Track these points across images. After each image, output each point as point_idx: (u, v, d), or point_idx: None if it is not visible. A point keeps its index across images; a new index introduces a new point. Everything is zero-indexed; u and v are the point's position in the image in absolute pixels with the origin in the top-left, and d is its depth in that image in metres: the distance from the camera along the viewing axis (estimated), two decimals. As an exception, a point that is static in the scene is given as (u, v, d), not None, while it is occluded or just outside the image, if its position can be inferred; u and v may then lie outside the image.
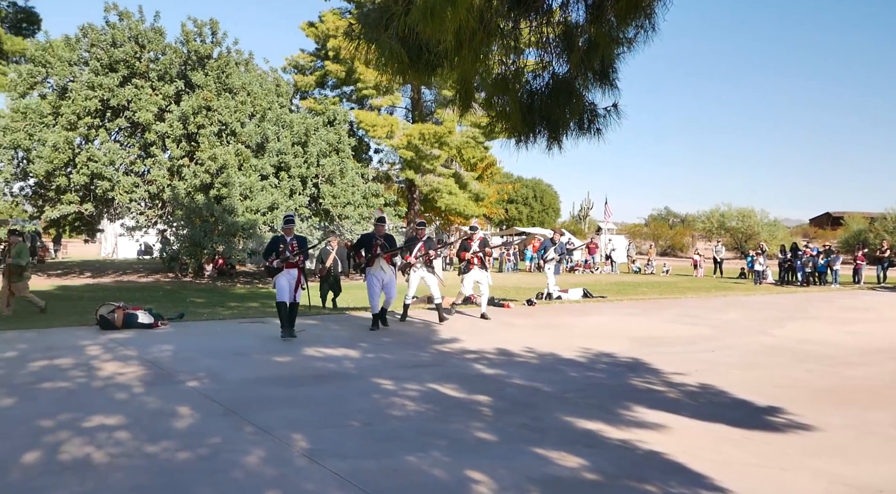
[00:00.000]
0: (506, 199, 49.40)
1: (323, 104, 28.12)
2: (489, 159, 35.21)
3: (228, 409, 5.87)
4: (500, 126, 4.86)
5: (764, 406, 6.36)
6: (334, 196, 23.93)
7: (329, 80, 30.42)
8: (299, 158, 23.52)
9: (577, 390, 6.98)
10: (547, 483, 4.27)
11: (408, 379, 7.25)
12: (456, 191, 29.79)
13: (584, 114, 4.62)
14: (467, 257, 12.78)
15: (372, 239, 10.83)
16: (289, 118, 24.17)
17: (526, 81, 4.57)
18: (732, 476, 4.41)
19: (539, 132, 4.62)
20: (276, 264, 9.68)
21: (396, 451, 4.84)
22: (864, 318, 13.66)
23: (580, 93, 4.52)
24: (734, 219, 50.94)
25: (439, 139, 27.77)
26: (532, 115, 4.44)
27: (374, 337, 10.31)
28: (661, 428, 5.57)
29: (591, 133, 4.71)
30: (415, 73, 4.29)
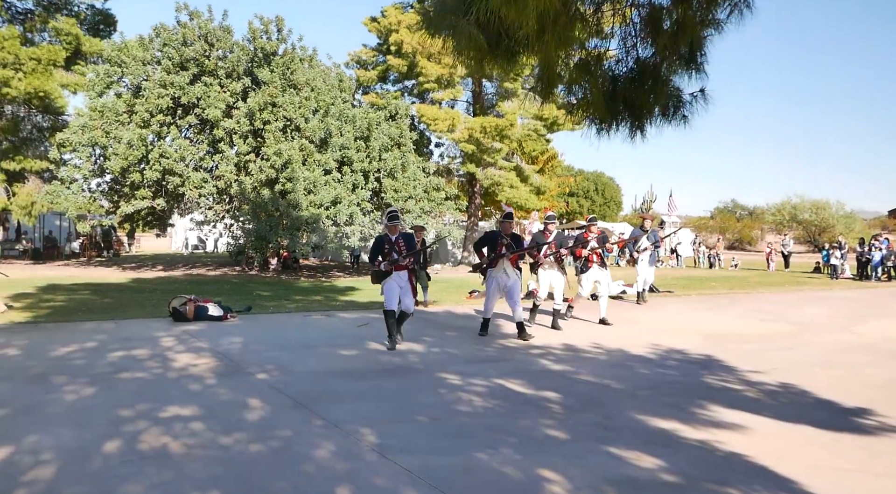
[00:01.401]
0: (567, 192, 48.77)
1: (385, 98, 28.26)
2: (550, 152, 34.75)
3: (297, 402, 5.91)
4: (580, 113, 4.68)
5: (852, 407, 6.02)
6: (396, 190, 24.03)
7: (391, 74, 30.52)
8: (361, 153, 23.70)
9: (648, 387, 6.77)
10: (623, 484, 4.12)
11: (473, 374, 7.18)
12: (517, 184, 29.47)
13: (670, 100, 4.40)
14: (584, 254, 11.19)
15: (497, 237, 9.65)
16: (351, 113, 24.37)
17: (609, 67, 4.39)
18: (824, 482, 4.16)
19: (622, 119, 4.44)
20: (383, 267, 8.61)
21: (466, 448, 4.77)
22: (954, 315, 12.88)
23: (665, 78, 4.30)
24: (807, 211, 48.95)
25: (500, 132, 27.51)
26: (615, 102, 4.25)
27: (439, 331, 10.27)
28: (741, 429, 5.33)
29: (678, 120, 4.49)
30: (494, 60, 4.15)
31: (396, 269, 8.61)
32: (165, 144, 22.86)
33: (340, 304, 14.13)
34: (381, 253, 8.64)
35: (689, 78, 4.38)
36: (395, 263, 8.58)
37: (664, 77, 4.25)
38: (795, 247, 46.55)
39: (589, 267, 11.22)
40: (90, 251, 31.59)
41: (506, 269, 9.50)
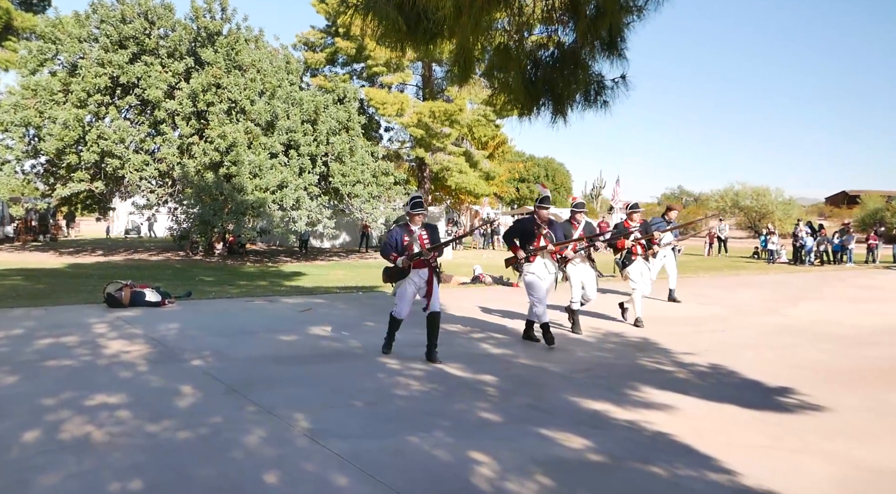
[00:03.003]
0: (517, 178, 49.11)
1: (333, 82, 27.91)
2: (500, 137, 34.91)
3: (231, 388, 5.83)
4: (502, 98, 4.69)
5: (775, 386, 6.24)
6: (344, 174, 23.83)
7: (339, 57, 30.15)
8: (309, 136, 23.39)
9: (584, 370, 6.90)
10: (551, 465, 4.20)
11: (414, 358, 7.19)
12: (466, 169, 29.56)
13: (591, 85, 4.44)
14: (627, 245, 9.58)
15: (532, 226, 8.11)
16: (298, 96, 24.00)
17: (530, 51, 4.39)
18: (741, 459, 4.31)
19: (543, 105, 4.46)
20: (400, 263, 7.06)
21: (400, 431, 4.78)
22: (878, 298, 13.46)
23: (587, 63, 4.34)
24: (748, 197, 50.38)
25: (450, 117, 27.51)
26: (536, 87, 4.27)
27: (381, 316, 10.23)
28: (670, 409, 5.48)
29: (598, 105, 4.54)
30: (413, 43, 4.11)
31: (415, 266, 7.14)
32: (104, 125, 22.14)
33: (285, 290, 13.97)
34: (399, 246, 7.15)
35: (611, 64, 4.45)
36: (416, 259, 7.06)
37: (585, 62, 4.30)
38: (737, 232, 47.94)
39: (633, 260, 9.63)
40: (25, 235, 30.47)
41: (546, 264, 8.13)
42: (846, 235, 24.43)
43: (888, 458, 4.39)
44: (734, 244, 34.99)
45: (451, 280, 15.97)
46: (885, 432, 4.97)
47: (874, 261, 24.22)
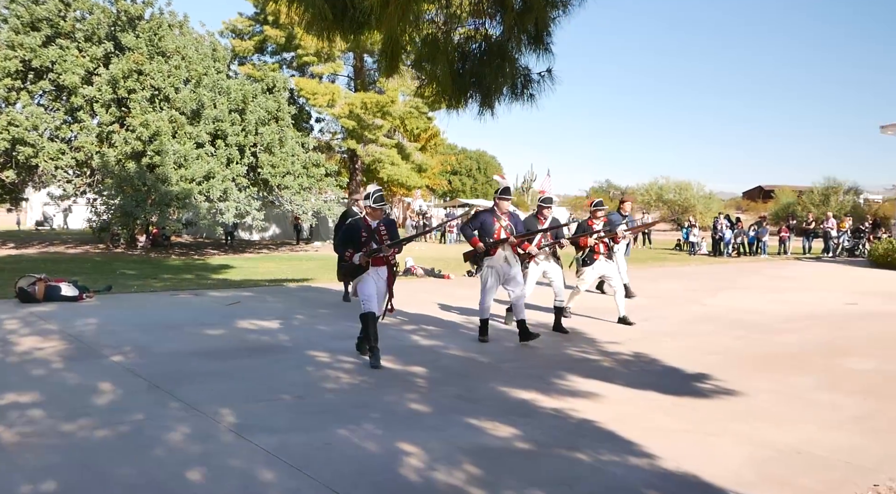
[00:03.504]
0: (449, 171, 49.31)
1: (262, 71, 27.30)
2: (433, 130, 34.96)
3: (154, 384, 5.66)
4: (429, 90, 4.70)
5: (694, 373, 6.50)
6: (273, 165, 23.36)
7: (268, 45, 29.52)
8: (237, 126, 22.81)
9: (513, 360, 7.01)
10: (478, 454, 4.25)
11: (343, 351, 7.14)
12: (398, 161, 29.49)
13: (518, 79, 4.51)
14: (590, 243, 9.15)
15: (491, 218, 7.81)
16: (226, 84, 23.36)
17: (458, 44, 4.42)
18: (660, 443, 4.48)
19: (471, 97, 4.50)
20: (357, 260, 6.62)
21: (328, 424, 4.75)
22: (790, 287, 14.17)
23: (514, 57, 4.39)
24: (672, 191, 52.14)
25: (382, 109, 27.36)
26: (464, 80, 4.30)
27: (312, 308, 10.13)
28: (595, 397, 5.63)
29: (525, 99, 4.62)
30: (339, 32, 4.06)
31: (374, 263, 6.68)
32: (14, 111, 20.97)
33: (212, 283, 13.63)
34: (356, 242, 6.68)
35: (537, 57, 4.53)
36: (374, 255, 6.61)
37: (512, 56, 4.36)
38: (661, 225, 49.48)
39: (595, 260, 9.27)
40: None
41: (507, 257, 7.77)
42: (761, 228, 25.62)
43: (794, 437, 4.65)
44: (658, 236, 36.20)
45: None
46: (792, 413, 5.25)
47: (786, 253, 25.49)
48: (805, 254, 25.31)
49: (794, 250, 26.35)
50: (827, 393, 5.81)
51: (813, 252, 25.81)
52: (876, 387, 6.05)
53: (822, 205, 40.12)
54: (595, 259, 9.26)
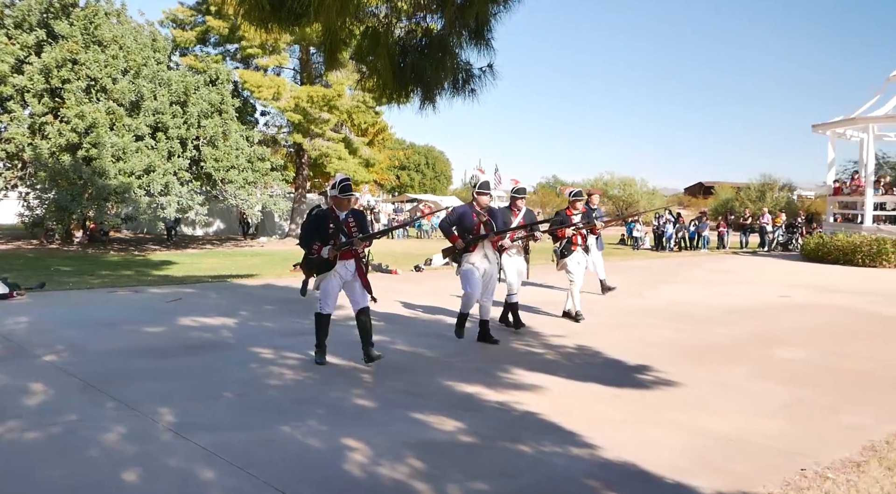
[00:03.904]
0: (397, 166, 49.13)
1: (205, 62, 26.63)
2: (381, 125, 34.71)
3: (88, 384, 5.48)
4: (371, 83, 4.66)
5: (635, 364, 6.65)
6: (217, 159, 22.86)
7: (211, 36, 28.77)
8: (178, 119, 22.22)
9: (458, 354, 7.04)
10: (422, 448, 4.26)
11: (288, 347, 7.06)
12: (346, 156, 29.17)
13: (459, 73, 4.53)
14: (568, 235, 9.02)
15: (471, 214, 7.57)
16: (167, 75, 22.72)
17: (399, 38, 4.40)
18: (601, 433, 4.57)
19: (413, 91, 4.49)
20: (326, 254, 6.24)
21: (271, 421, 4.69)
22: (727, 280, 14.61)
23: (455, 51, 4.41)
24: (616, 187, 53.11)
25: (328, 102, 27.00)
26: (405, 73, 4.28)
27: (256, 305, 9.97)
28: (538, 389, 5.70)
29: (466, 93, 4.65)
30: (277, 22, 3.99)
31: (342, 257, 6.35)
32: (-62, 100, 19.99)
33: (153, 279, 13.28)
34: (323, 234, 6.31)
35: (478, 52, 4.55)
36: (343, 249, 6.28)
37: (453, 50, 4.37)
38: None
39: (572, 251, 9.12)
40: None
41: (487, 254, 7.59)
42: (701, 223, 26.35)
43: (729, 425, 4.80)
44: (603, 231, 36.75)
45: (329, 268, 15.76)
46: (727, 402, 5.43)
47: (724, 247, 26.29)
48: (742, 249, 26.14)
49: (732, 244, 27.18)
50: (760, 383, 6.02)
51: (749, 246, 26.68)
52: (805, 376, 6.30)
53: (759, 201, 41.42)
54: (572, 250, 9.13)
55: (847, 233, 18.79)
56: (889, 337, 8.36)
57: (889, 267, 17.28)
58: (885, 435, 4.58)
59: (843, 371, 6.54)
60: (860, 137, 20.78)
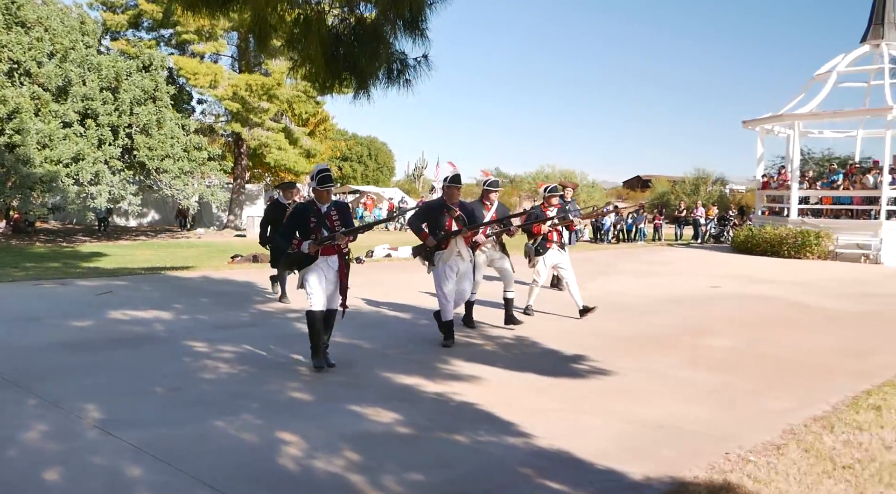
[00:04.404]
0: (339, 157, 48.59)
1: (137, 47, 25.78)
2: (322, 115, 34.32)
3: (9, 380, 5.25)
4: (303, 71, 4.59)
5: (571, 354, 6.77)
6: (150, 148, 22.18)
7: (144, 20, 27.83)
8: (109, 105, 21.45)
9: (397, 346, 7.03)
10: (359, 440, 4.25)
11: (223, 340, 6.92)
12: (286, 146, 28.75)
13: (394, 63, 4.50)
14: (544, 231, 8.66)
15: (442, 209, 7.07)
16: (96, 60, 21.89)
17: (332, 25, 4.34)
18: (536, 422, 4.64)
19: (346, 80, 4.44)
20: (306, 249, 5.87)
21: (204, 416, 4.59)
22: (662, 272, 15.02)
23: (389, 41, 4.38)
24: (557, 180, 53.84)
25: (267, 91, 26.53)
26: (337, 62, 4.22)
27: (191, 297, 9.73)
28: (476, 380, 5.75)
29: (401, 83, 4.62)
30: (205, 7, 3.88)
31: (324, 253, 5.98)
32: None
33: (81, 271, 12.81)
34: (304, 228, 5.94)
35: (413, 42, 4.54)
36: (325, 244, 5.90)
37: (387, 40, 4.34)
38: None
39: (548, 248, 8.74)
40: None
41: (460, 251, 7.09)
42: (638, 216, 27.01)
43: (658, 412, 4.95)
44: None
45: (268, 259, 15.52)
46: (658, 390, 5.59)
47: (660, 239, 27.02)
48: (677, 241, 26.91)
49: (667, 237, 27.96)
50: (689, 371, 6.22)
51: (684, 238, 27.49)
52: (731, 363, 6.54)
53: (693, 195, 42.71)
54: (548, 247, 8.74)
55: (774, 226, 19.55)
56: (809, 326, 8.75)
57: (812, 259, 18.07)
58: (804, 419, 4.80)
59: (767, 358, 6.82)
60: (787, 133, 21.63)
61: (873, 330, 8.56)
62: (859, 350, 7.31)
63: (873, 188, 18.77)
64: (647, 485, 3.68)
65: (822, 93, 20.16)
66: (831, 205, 19.96)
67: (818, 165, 30.97)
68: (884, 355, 7.03)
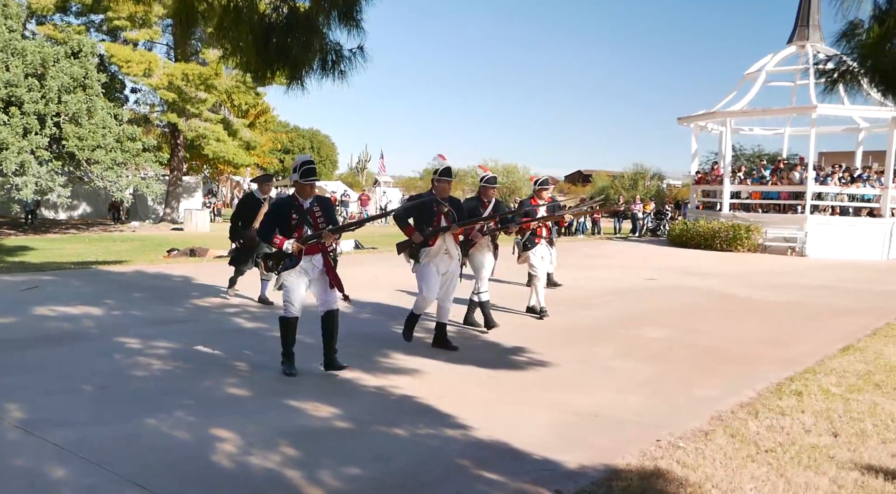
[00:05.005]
0: (280, 149, 47.81)
1: (65, 33, 24.74)
2: (262, 106, 33.64)
3: (-76, 381, 4.99)
4: (233, 61, 4.50)
5: (510, 346, 6.85)
6: (80, 138, 21.33)
7: (73, 4, 26.68)
8: (35, 92, 20.52)
9: (338, 340, 6.96)
10: (297, 435, 4.21)
11: (157, 336, 6.73)
12: (224, 137, 28.08)
13: (328, 54, 4.45)
14: (533, 226, 8.29)
15: (431, 203, 6.60)
16: (21, 45, 20.89)
17: (264, 14, 4.25)
18: (475, 414, 4.68)
19: (279, 70, 4.37)
20: (289, 248, 5.45)
21: (135, 415, 4.46)
22: (601, 265, 15.34)
23: (322, 31, 4.32)
24: (499, 174, 54.26)
25: (205, 81, 25.84)
26: (269, 51, 4.15)
27: (124, 292, 9.43)
28: (416, 373, 5.76)
29: (335, 75, 4.58)
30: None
31: (307, 252, 5.56)
32: None
33: (5, 266, 12.27)
34: (285, 225, 5.53)
35: (349, 33, 4.50)
36: (309, 243, 5.51)
37: (321, 30, 4.29)
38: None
39: (536, 243, 8.38)
40: None
41: (448, 249, 6.64)
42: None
43: (594, 402, 5.06)
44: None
45: (206, 253, 15.20)
46: (593, 380, 5.71)
47: (598, 233, 27.56)
48: (615, 234, 27.51)
49: (606, 230, 28.54)
50: (624, 361, 6.38)
51: (622, 232, 28.12)
52: (664, 353, 6.73)
53: (632, 190, 43.70)
54: (536, 242, 8.38)
55: (707, 220, 20.19)
56: (739, 315, 9.09)
57: (743, 251, 18.76)
58: (731, 406, 4.99)
59: (698, 347, 7.05)
60: (720, 130, 22.35)
61: (796, 319, 8.95)
62: (783, 339, 7.64)
63: (799, 184, 19.58)
64: (582, 473, 3.76)
65: (752, 91, 20.91)
66: (760, 199, 20.74)
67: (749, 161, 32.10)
68: (806, 343, 7.37)
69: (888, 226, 18.86)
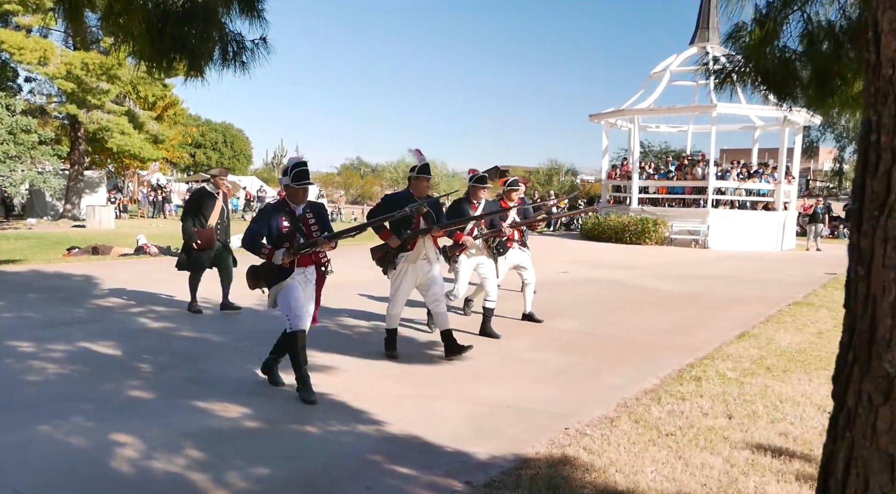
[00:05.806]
0: (191, 143, 46.18)
1: (-52, 15, 23.04)
2: (171, 98, 32.38)
3: None
4: (126, 49, 4.30)
5: (426, 341, 6.89)
6: (-32, 129, 19.95)
7: (-43, -15, 24.90)
8: (-85, 80, 19.03)
9: (250, 339, 6.80)
10: (203, 437, 4.08)
11: (54, 339, 6.38)
12: (130, 131, 26.86)
13: (229, 44, 4.32)
14: (506, 231, 7.41)
15: (407, 204, 5.83)
16: None
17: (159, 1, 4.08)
18: (389, 409, 4.68)
19: (176, 60, 4.20)
20: (280, 259, 4.89)
21: (27, 422, 4.21)
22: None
23: (222, 21, 4.20)
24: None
25: (107, 71, 24.61)
26: (165, 41, 3.98)
27: (18, 293, 8.89)
28: (331, 370, 5.70)
29: (236, 66, 4.46)
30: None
31: (300, 263, 5.04)
32: None
33: None
34: (275, 234, 4.99)
35: (251, 24, 4.40)
36: (303, 252, 4.97)
37: (220, 20, 4.17)
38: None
39: (509, 248, 7.68)
40: None
41: (427, 253, 6.14)
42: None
43: (507, 393, 5.15)
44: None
45: (110, 251, 14.55)
46: (507, 372, 5.81)
47: (516, 228, 28.03)
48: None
49: (523, 225, 29.05)
50: (537, 353, 6.51)
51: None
52: (575, 344, 6.92)
53: (547, 185, 44.71)
54: (509, 247, 7.70)
55: (618, 214, 20.89)
56: (645, 306, 9.46)
57: (651, 244, 19.52)
58: (636, 393, 5.18)
59: (607, 338, 7.29)
60: (628, 127, 23.15)
61: (698, 308, 9.39)
62: (686, 327, 8.00)
63: (701, 179, 20.54)
64: (493, 464, 3.82)
65: (657, 90, 21.76)
66: (666, 194, 21.63)
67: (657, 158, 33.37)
68: (706, 331, 7.74)
69: (781, 218, 20.07)
